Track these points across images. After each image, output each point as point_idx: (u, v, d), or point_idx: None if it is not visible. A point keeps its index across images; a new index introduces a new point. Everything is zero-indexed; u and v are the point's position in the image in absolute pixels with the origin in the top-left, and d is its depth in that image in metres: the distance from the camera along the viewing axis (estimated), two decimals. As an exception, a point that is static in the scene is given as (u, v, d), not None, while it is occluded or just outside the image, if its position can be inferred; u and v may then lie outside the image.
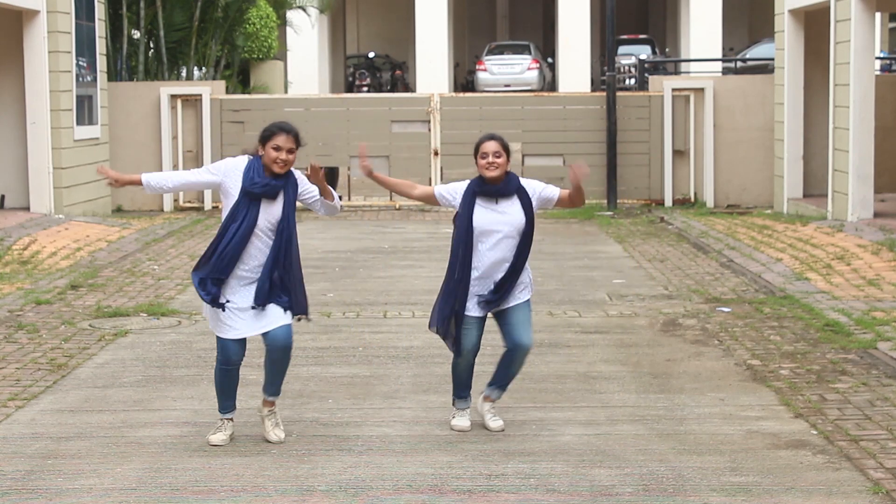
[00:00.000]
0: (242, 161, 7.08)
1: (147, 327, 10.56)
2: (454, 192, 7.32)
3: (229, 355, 7.06)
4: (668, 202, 19.72)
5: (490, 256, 7.19)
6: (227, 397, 7.21)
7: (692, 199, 19.78)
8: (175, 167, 19.76)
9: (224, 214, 7.04)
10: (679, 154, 19.85)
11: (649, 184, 19.90)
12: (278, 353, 7.04)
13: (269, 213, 6.99)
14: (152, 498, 6.25)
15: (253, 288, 6.97)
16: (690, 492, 6.29)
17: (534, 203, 7.27)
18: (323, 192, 7.17)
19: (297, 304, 7.09)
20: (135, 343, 9.92)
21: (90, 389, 8.44)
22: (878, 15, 19.51)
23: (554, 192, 7.35)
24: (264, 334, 7.02)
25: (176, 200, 19.85)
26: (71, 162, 17.56)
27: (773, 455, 6.88)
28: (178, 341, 10.01)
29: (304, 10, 30.36)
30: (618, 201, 19.63)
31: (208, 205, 19.72)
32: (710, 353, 9.50)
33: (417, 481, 6.46)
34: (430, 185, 19.81)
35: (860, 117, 16.01)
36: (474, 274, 7.23)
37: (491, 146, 7.21)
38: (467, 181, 7.34)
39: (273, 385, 7.19)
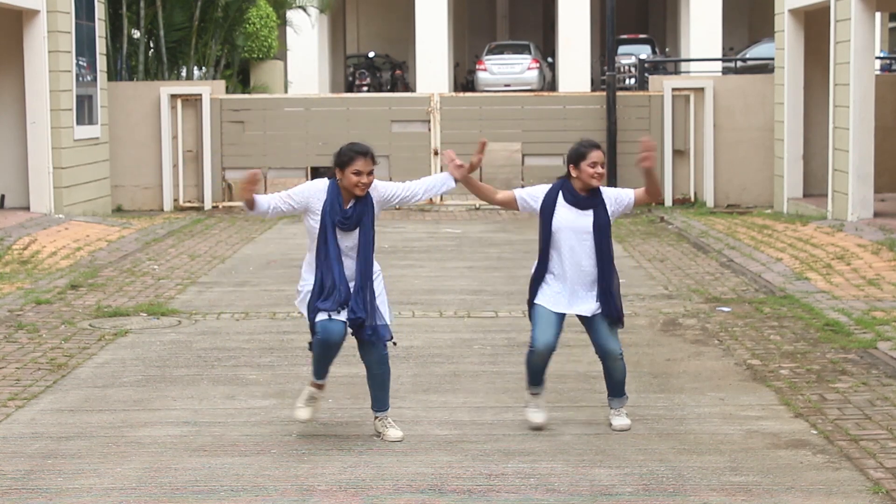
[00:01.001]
0: (323, 184, 7.06)
1: (147, 327, 10.56)
2: (535, 196, 7.34)
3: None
4: (669, 202, 19.72)
5: (570, 254, 7.22)
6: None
7: (692, 199, 19.79)
8: (175, 167, 19.77)
9: (310, 235, 7.06)
10: (679, 154, 19.86)
11: (649, 183, 19.87)
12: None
13: (349, 238, 7.01)
14: (152, 498, 6.25)
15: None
16: (690, 491, 6.29)
17: (611, 209, 7.31)
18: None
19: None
20: (135, 343, 9.92)
21: (90, 389, 8.44)
22: (878, 15, 19.51)
23: (629, 194, 7.42)
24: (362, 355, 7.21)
25: (176, 200, 19.85)
26: (71, 162, 17.57)
27: (773, 455, 6.88)
28: (178, 341, 10.01)
29: (304, 9, 30.36)
30: (618, 201, 19.60)
31: (208, 204, 19.72)
32: (710, 352, 9.50)
33: (417, 481, 6.46)
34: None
35: (860, 117, 16.01)
36: (555, 266, 7.26)
37: (598, 156, 7.25)
38: (549, 185, 7.37)
39: (377, 400, 7.29)
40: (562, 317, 7.36)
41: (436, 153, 19.69)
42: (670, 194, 19.77)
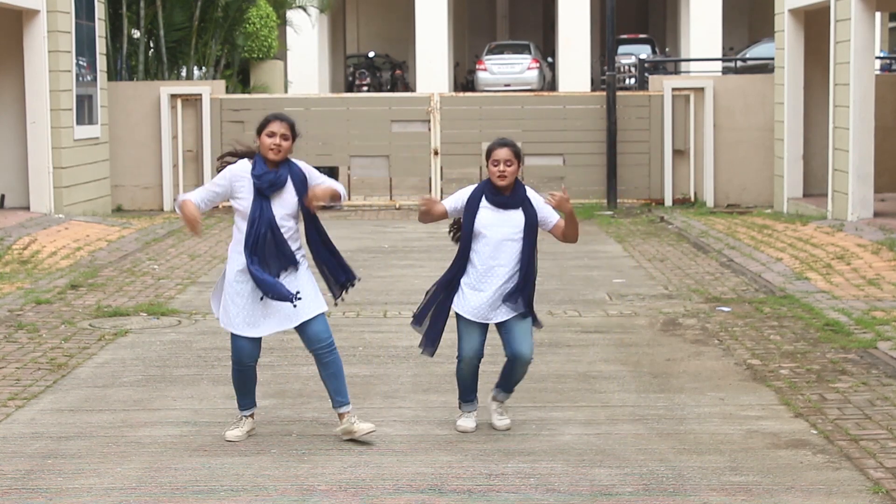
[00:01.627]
0: (245, 164, 7.11)
1: (147, 327, 10.56)
2: (459, 199, 7.25)
3: None
4: (668, 202, 19.72)
5: (491, 259, 7.14)
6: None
7: (692, 199, 19.78)
8: (175, 167, 19.77)
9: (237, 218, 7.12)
10: (679, 154, 19.85)
11: (649, 183, 19.91)
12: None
13: (283, 205, 7.04)
14: (152, 498, 6.25)
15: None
16: (690, 491, 6.29)
17: (539, 215, 7.18)
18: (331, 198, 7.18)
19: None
20: (135, 343, 9.92)
21: (90, 389, 8.44)
22: (878, 15, 19.51)
23: (553, 216, 7.22)
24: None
25: (176, 200, 19.82)
26: (71, 161, 17.57)
27: (773, 455, 6.89)
28: (178, 341, 10.01)
29: (304, 9, 30.36)
30: (618, 201, 19.64)
31: (208, 204, 19.70)
32: (710, 352, 9.50)
33: (417, 481, 6.46)
34: (429, 184, 19.92)
35: (860, 117, 16.01)
36: (472, 273, 7.17)
37: (503, 153, 7.12)
38: (471, 188, 7.28)
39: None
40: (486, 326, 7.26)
41: (436, 153, 19.69)
42: (670, 194, 19.77)
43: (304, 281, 7.11)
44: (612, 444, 7.09)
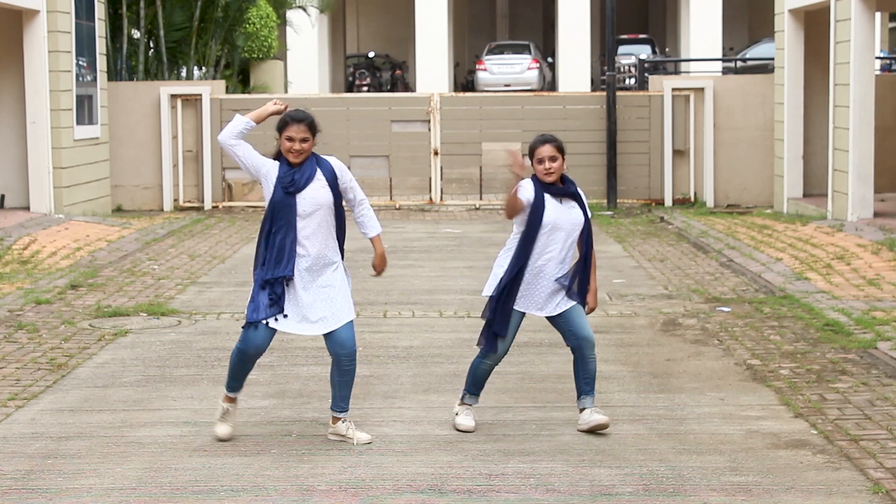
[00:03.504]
0: (276, 163, 7.14)
1: (147, 327, 10.56)
2: (528, 192, 7.20)
3: None
4: (668, 202, 19.72)
5: (552, 252, 7.17)
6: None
7: (692, 199, 19.79)
8: (175, 167, 19.77)
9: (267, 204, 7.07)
10: (679, 154, 19.86)
11: (649, 183, 19.91)
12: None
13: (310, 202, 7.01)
14: (152, 498, 6.25)
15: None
16: (690, 491, 6.29)
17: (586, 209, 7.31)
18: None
19: None
20: (135, 343, 9.92)
21: (90, 389, 8.44)
22: (878, 15, 19.51)
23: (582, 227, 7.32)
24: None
25: (176, 200, 19.85)
26: (71, 162, 17.57)
27: (773, 455, 6.89)
28: (178, 341, 10.01)
29: (304, 9, 30.37)
30: (618, 201, 19.64)
31: (208, 204, 19.72)
32: (710, 352, 9.50)
33: (417, 481, 6.46)
34: (429, 184, 19.91)
35: (860, 117, 16.01)
36: (531, 268, 7.19)
37: (546, 150, 7.17)
38: (529, 181, 7.26)
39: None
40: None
41: (436, 153, 19.69)
42: (670, 194, 19.77)
43: (338, 283, 7.06)
44: (612, 444, 7.09)
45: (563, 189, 7.23)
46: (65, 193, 17.37)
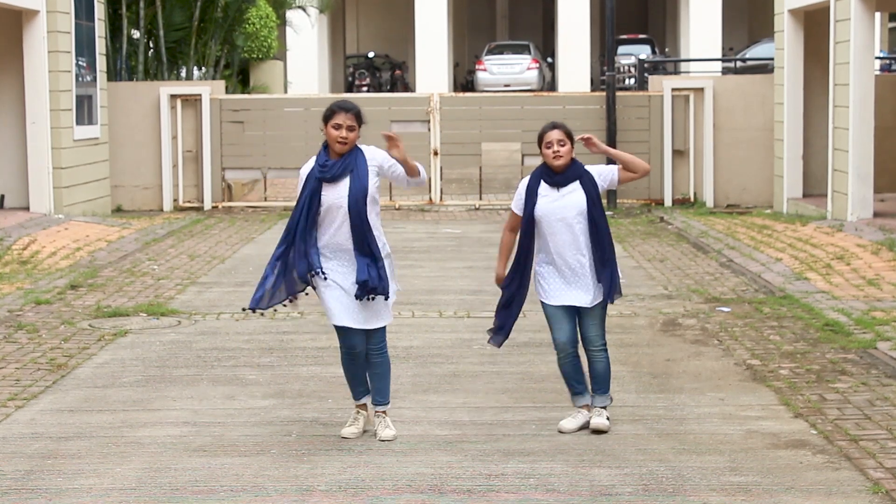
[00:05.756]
0: (311, 162, 7.18)
1: (147, 327, 10.56)
2: (519, 195, 7.35)
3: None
4: (668, 202, 19.72)
5: (557, 242, 7.19)
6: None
7: (692, 199, 19.79)
8: (175, 167, 19.77)
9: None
10: (679, 154, 19.86)
11: (649, 183, 19.89)
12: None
13: (336, 193, 7.02)
14: (152, 498, 6.25)
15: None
16: (690, 491, 6.29)
17: (599, 184, 7.31)
18: (406, 166, 7.12)
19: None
20: (135, 343, 9.92)
21: (90, 389, 8.44)
22: (878, 15, 19.51)
23: (614, 169, 7.42)
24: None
25: (175, 200, 19.85)
26: (71, 162, 17.56)
27: (772, 455, 6.88)
28: (177, 341, 10.01)
29: (304, 9, 30.36)
30: (617, 201, 19.64)
31: (208, 205, 19.72)
32: (709, 353, 9.50)
33: (417, 481, 6.46)
34: (429, 185, 19.90)
35: (860, 117, 16.01)
36: (544, 261, 7.22)
37: (555, 135, 7.33)
38: (527, 178, 7.35)
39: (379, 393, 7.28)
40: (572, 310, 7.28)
41: (435, 153, 19.69)
42: (670, 194, 19.77)
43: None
44: (611, 445, 7.09)
45: (563, 177, 7.24)
46: (64, 194, 17.37)
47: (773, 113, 19.35)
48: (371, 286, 6.94)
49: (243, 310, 7.42)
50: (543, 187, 7.28)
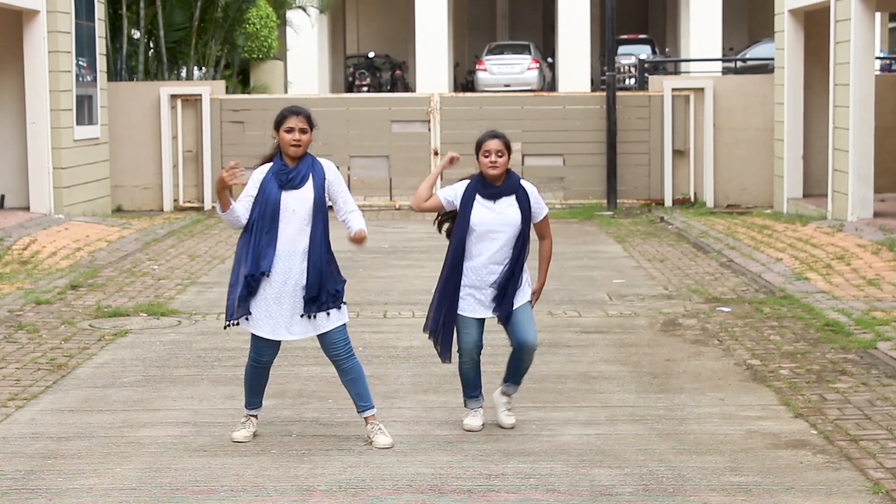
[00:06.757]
0: (266, 166, 7.17)
1: (147, 327, 10.56)
2: (455, 192, 7.31)
3: None
4: (668, 202, 19.73)
5: (485, 256, 7.18)
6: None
7: (692, 199, 19.79)
8: (175, 167, 19.78)
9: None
10: (679, 154, 19.86)
11: (649, 184, 19.91)
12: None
13: (295, 199, 7.07)
14: (152, 498, 6.25)
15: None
16: (690, 492, 6.29)
17: (532, 208, 7.26)
18: (352, 239, 7.32)
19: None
20: (135, 343, 9.92)
21: (90, 389, 8.44)
22: (878, 15, 19.51)
23: (543, 211, 7.32)
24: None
25: (176, 200, 19.85)
26: (71, 162, 17.57)
27: (772, 455, 6.88)
28: (178, 341, 10.01)
29: (304, 10, 30.37)
30: (618, 201, 19.64)
31: (208, 205, 19.72)
32: (709, 353, 9.50)
33: (417, 481, 6.46)
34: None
35: (860, 117, 16.01)
36: (469, 273, 7.20)
37: (493, 144, 7.22)
38: (465, 183, 7.32)
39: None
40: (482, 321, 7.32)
41: (436, 153, 19.69)
42: (670, 194, 19.78)
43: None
44: (612, 445, 7.09)
45: (498, 189, 7.21)
46: (65, 194, 17.37)
47: (773, 113, 19.35)
48: (322, 300, 7.05)
49: (225, 327, 7.48)
50: (479, 199, 7.21)
